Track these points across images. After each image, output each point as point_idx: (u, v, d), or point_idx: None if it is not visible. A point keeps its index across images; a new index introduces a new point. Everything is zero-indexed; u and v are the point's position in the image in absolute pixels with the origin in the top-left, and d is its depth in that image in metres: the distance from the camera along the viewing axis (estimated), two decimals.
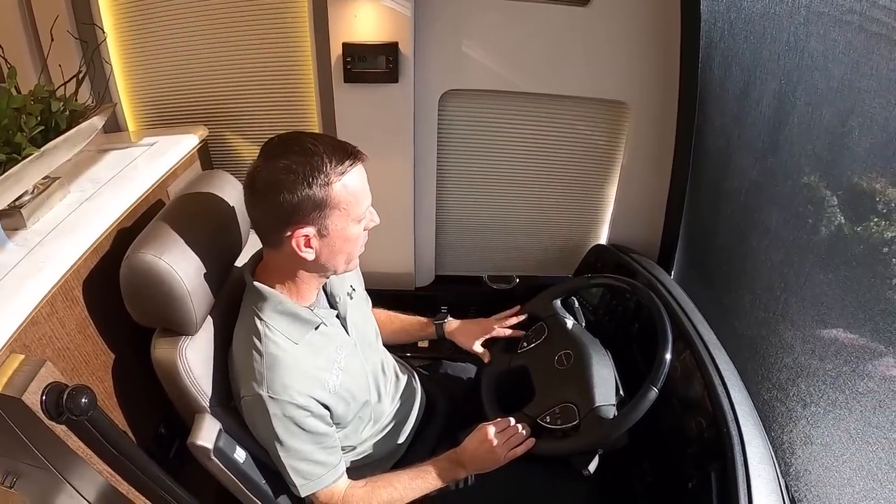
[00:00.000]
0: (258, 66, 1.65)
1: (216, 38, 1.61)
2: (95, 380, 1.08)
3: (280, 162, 0.95)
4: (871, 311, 1.06)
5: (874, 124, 1.05)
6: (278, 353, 1.03)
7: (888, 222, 1.04)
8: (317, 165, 0.94)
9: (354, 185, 0.99)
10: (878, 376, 1.06)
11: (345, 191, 0.98)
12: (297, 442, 1.05)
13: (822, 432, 1.19)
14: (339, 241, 1.03)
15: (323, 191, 0.96)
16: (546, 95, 1.69)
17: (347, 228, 1.02)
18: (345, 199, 0.98)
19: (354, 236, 1.05)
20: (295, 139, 0.97)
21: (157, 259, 0.98)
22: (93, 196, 1.19)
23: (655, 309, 1.21)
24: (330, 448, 1.11)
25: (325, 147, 0.96)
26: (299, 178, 0.94)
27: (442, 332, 1.46)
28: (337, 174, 0.96)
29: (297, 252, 1.00)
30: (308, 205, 0.96)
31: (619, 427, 1.10)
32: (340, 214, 0.99)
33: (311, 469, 1.09)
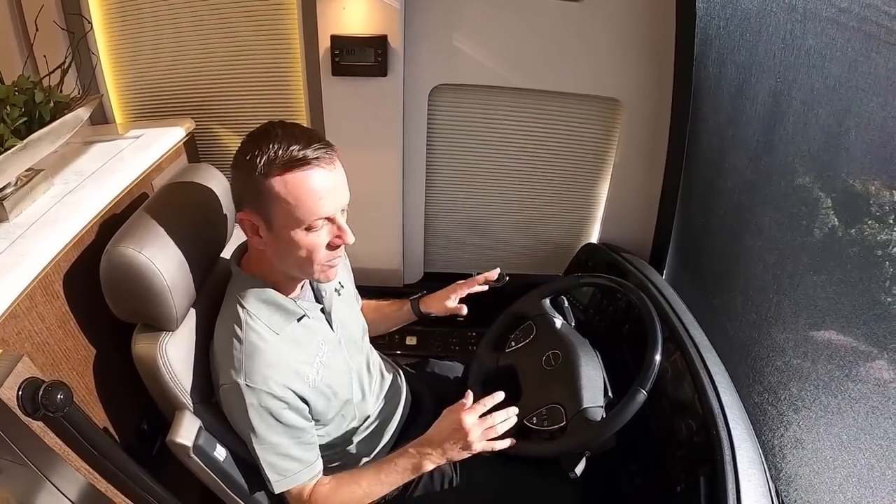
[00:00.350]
0: (246, 57, 1.63)
1: (204, 29, 1.59)
2: (76, 375, 1.06)
3: (245, 144, 0.94)
4: (864, 315, 1.05)
5: (871, 124, 1.04)
6: (258, 342, 1.02)
7: (882, 225, 1.02)
8: (264, 152, 0.91)
9: (298, 186, 0.93)
10: (871, 381, 1.04)
11: (283, 188, 0.93)
12: (272, 434, 1.03)
13: (814, 437, 1.18)
14: (284, 242, 0.98)
15: (261, 181, 0.92)
16: (538, 91, 1.68)
17: (291, 231, 0.96)
18: (282, 197, 0.93)
19: (303, 243, 0.98)
20: (271, 125, 0.95)
21: (136, 253, 0.97)
22: (76, 189, 1.17)
23: (645, 309, 1.20)
24: (307, 444, 1.09)
25: (287, 139, 0.92)
26: (247, 161, 0.92)
27: (417, 308, 1.44)
28: (280, 167, 0.92)
29: (249, 237, 1.00)
30: (249, 189, 0.95)
31: (607, 430, 1.09)
32: (282, 213, 0.95)
33: (286, 465, 1.07)
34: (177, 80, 1.66)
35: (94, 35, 1.56)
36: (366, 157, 1.67)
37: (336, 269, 1.06)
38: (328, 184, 0.96)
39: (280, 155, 0.91)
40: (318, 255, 1.00)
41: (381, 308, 1.49)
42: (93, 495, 1.00)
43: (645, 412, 1.13)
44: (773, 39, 1.26)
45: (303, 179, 0.93)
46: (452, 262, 2.01)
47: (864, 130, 1.06)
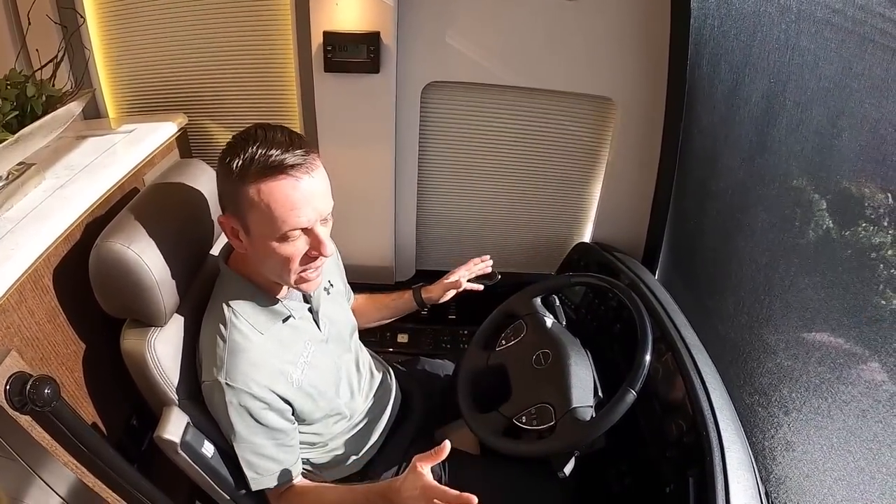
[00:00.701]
0: (239, 53, 1.62)
1: (198, 24, 1.58)
2: (65, 370, 1.06)
3: (226, 147, 0.94)
4: (856, 317, 1.05)
5: (865, 125, 1.04)
6: (241, 342, 1.02)
7: (876, 227, 1.02)
8: (240, 157, 0.91)
9: (271, 196, 0.91)
10: (862, 384, 1.04)
11: (257, 196, 0.91)
12: (251, 434, 1.04)
13: (804, 439, 1.18)
14: (261, 249, 0.97)
15: (237, 185, 0.92)
16: (531, 90, 1.67)
17: (266, 239, 0.95)
18: (257, 205, 0.92)
19: (278, 253, 0.96)
20: (254, 128, 0.94)
21: (125, 248, 0.97)
22: (67, 183, 1.17)
23: (636, 309, 1.19)
24: (287, 446, 1.09)
25: (267, 144, 0.91)
26: (225, 164, 0.92)
27: (419, 296, 1.45)
28: (253, 176, 0.90)
29: (230, 240, 0.99)
30: (226, 194, 0.95)
31: (595, 429, 1.08)
32: (256, 220, 0.94)
33: (264, 464, 1.07)
34: (170, 75, 1.66)
35: (88, 29, 1.55)
36: (358, 153, 1.66)
37: (317, 280, 1.05)
38: (304, 193, 0.93)
39: (256, 161, 0.90)
40: (294, 266, 0.99)
41: (381, 298, 1.49)
42: (81, 491, 1.00)
43: (635, 413, 1.13)
44: (768, 40, 1.26)
45: (276, 189, 0.91)
46: (444, 260, 2.00)
47: (857, 132, 1.05)
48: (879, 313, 1.00)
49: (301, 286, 1.03)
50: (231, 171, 0.91)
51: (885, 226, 1.00)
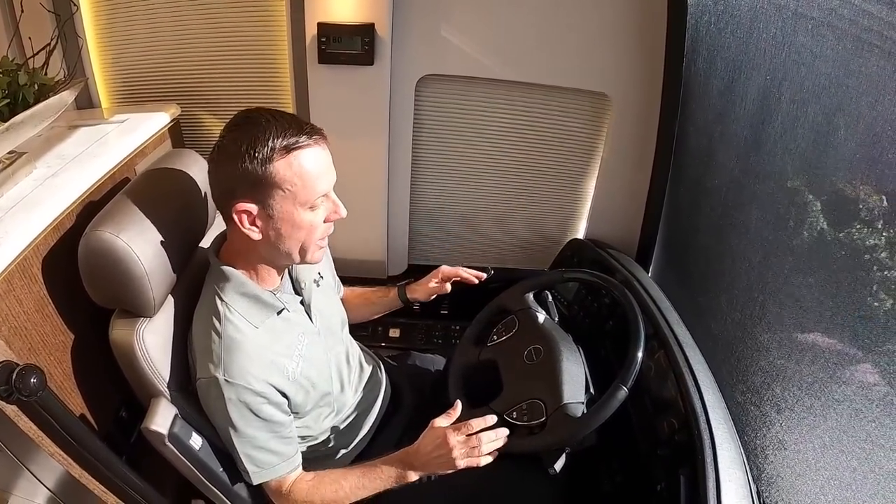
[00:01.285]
0: (233, 44, 1.61)
1: (192, 14, 1.57)
2: (53, 360, 1.05)
3: (232, 133, 0.93)
4: (850, 317, 1.04)
5: (860, 123, 1.03)
6: (237, 336, 1.01)
7: (870, 229, 1.02)
8: (261, 139, 0.91)
9: (303, 166, 0.94)
10: (855, 383, 1.04)
11: (289, 170, 0.93)
12: (251, 429, 1.03)
13: (796, 438, 1.17)
14: (286, 226, 0.98)
15: (263, 167, 0.92)
16: (526, 84, 1.66)
17: (295, 213, 0.97)
18: (289, 180, 0.93)
19: (305, 223, 0.99)
20: (255, 112, 0.94)
21: (114, 237, 0.96)
22: (58, 172, 1.16)
23: (629, 306, 1.19)
24: (286, 438, 1.09)
25: (279, 123, 0.92)
26: (242, 151, 0.91)
27: (404, 294, 1.44)
28: (281, 151, 0.92)
29: (241, 229, 0.97)
30: (248, 179, 0.93)
31: (587, 426, 1.07)
32: (285, 196, 0.95)
33: (265, 457, 1.07)
34: (164, 65, 1.65)
35: (81, 17, 1.54)
36: (351, 146, 1.65)
37: (324, 249, 1.07)
38: (325, 161, 0.98)
39: (281, 139, 0.91)
40: (316, 234, 1.02)
41: (366, 295, 1.49)
42: (69, 483, 1.00)
43: (627, 410, 1.13)
44: (764, 37, 1.25)
45: (305, 159, 0.94)
46: (437, 255, 2.00)
47: (853, 129, 1.05)
48: (873, 313, 0.99)
49: (316, 255, 1.05)
50: (254, 152, 0.91)
51: (878, 228, 1.00)
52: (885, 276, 0.98)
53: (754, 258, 1.33)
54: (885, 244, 0.99)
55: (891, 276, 0.97)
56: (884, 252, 0.99)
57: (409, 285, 1.44)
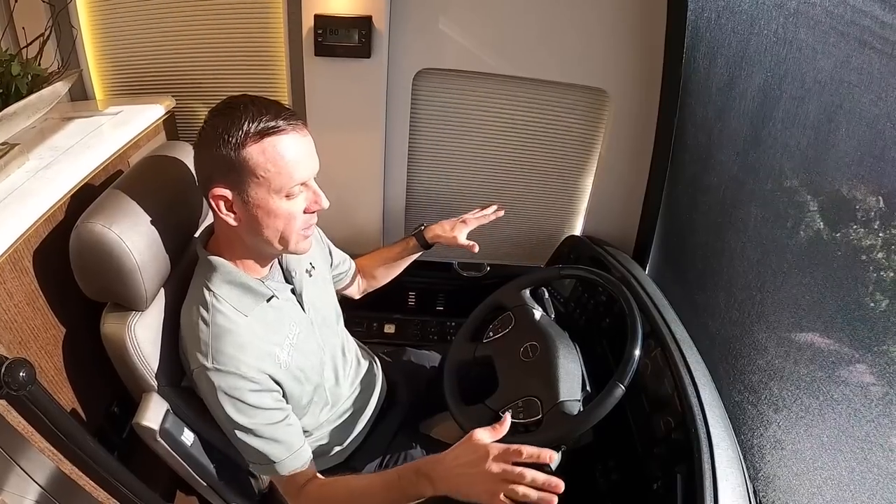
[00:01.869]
0: (229, 36, 1.60)
1: (188, 5, 1.56)
2: (44, 354, 1.04)
3: (213, 119, 0.93)
4: (848, 317, 1.03)
5: (862, 121, 1.02)
6: (226, 324, 1.00)
7: (867, 230, 1.01)
8: (235, 124, 0.90)
9: (277, 152, 0.92)
10: (854, 383, 1.03)
11: (262, 156, 0.92)
12: (246, 419, 1.00)
13: (794, 438, 1.17)
14: (262, 214, 0.96)
15: (236, 151, 0.91)
16: (524, 79, 1.65)
17: (270, 200, 0.95)
18: (262, 166, 0.92)
19: (281, 212, 0.97)
20: (236, 99, 0.94)
21: (106, 230, 0.95)
22: (51, 164, 1.14)
23: (626, 303, 1.18)
24: (288, 425, 1.05)
25: (255, 108, 0.92)
26: (217, 135, 0.91)
27: (424, 241, 1.45)
28: (254, 136, 0.91)
29: (219, 214, 0.97)
30: (221, 164, 0.92)
31: (583, 424, 1.07)
32: (259, 182, 0.94)
33: (267, 449, 1.03)
34: (159, 56, 1.63)
35: (76, 8, 1.52)
36: (347, 139, 1.64)
37: (311, 239, 1.06)
38: (303, 149, 0.96)
39: (258, 121, 0.90)
40: (296, 224, 1.00)
41: (381, 253, 1.50)
42: (60, 479, 0.99)
43: (623, 408, 1.12)
44: (765, 33, 1.24)
45: (280, 145, 0.93)
46: (433, 251, 1.94)
47: (854, 127, 1.04)
48: (870, 314, 0.98)
49: (300, 246, 1.03)
50: (227, 138, 0.90)
51: (875, 228, 1.00)
52: (882, 276, 0.98)
53: (753, 257, 1.32)
54: (882, 245, 0.98)
55: (887, 276, 0.97)
56: (880, 252, 0.99)
57: (426, 229, 1.45)
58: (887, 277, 0.97)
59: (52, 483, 0.99)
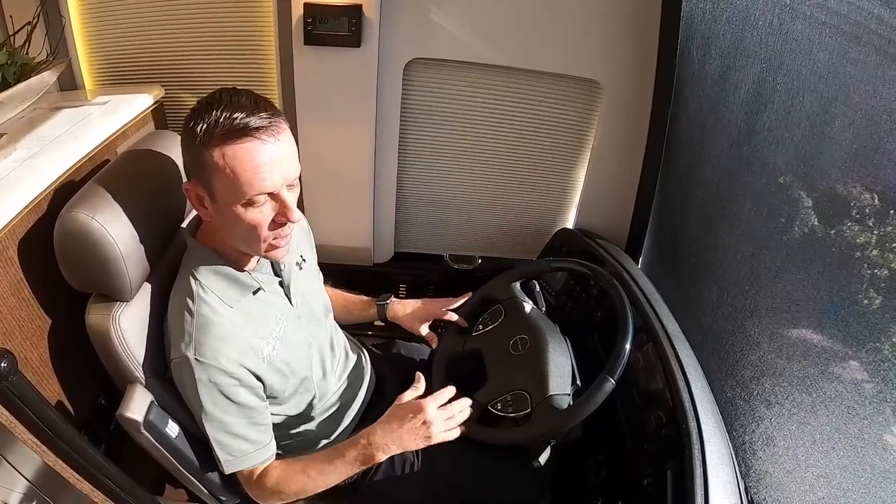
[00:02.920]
0: (218, 24, 1.58)
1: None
2: (29, 345, 1.03)
3: (191, 112, 0.92)
4: (841, 313, 1.02)
5: (858, 113, 1.01)
6: (210, 316, 0.99)
7: (861, 227, 1.00)
8: (204, 122, 0.88)
9: (236, 159, 0.89)
10: (847, 380, 1.02)
11: (221, 160, 0.89)
12: (222, 413, 1.01)
13: (786, 434, 1.16)
14: (227, 216, 0.94)
15: (201, 150, 0.90)
16: (517, 70, 1.63)
17: (231, 206, 0.93)
18: (220, 170, 0.89)
19: (245, 219, 0.94)
20: (216, 95, 0.92)
21: (89, 219, 0.94)
22: (37, 153, 1.13)
23: (617, 296, 1.17)
24: (259, 425, 1.07)
25: (230, 109, 0.88)
26: (189, 128, 0.90)
27: (384, 314, 1.41)
28: (217, 139, 0.88)
29: (194, 207, 0.97)
30: (191, 159, 0.93)
31: (572, 418, 1.06)
32: (222, 185, 0.91)
33: (238, 445, 1.05)
34: (148, 45, 1.61)
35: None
36: (337, 130, 1.62)
37: (285, 248, 1.02)
38: (269, 157, 0.91)
39: (220, 124, 0.88)
40: (262, 233, 0.96)
41: (348, 306, 1.47)
42: (45, 471, 0.98)
43: (614, 403, 1.11)
44: (760, 24, 1.23)
45: (241, 152, 0.89)
46: (424, 243, 1.97)
47: (851, 119, 1.02)
48: (864, 311, 0.97)
49: (270, 254, 1.01)
50: (195, 134, 0.89)
51: (870, 225, 0.99)
52: (876, 273, 0.96)
53: (746, 251, 1.31)
54: (877, 242, 0.97)
55: (881, 273, 0.96)
56: (875, 250, 0.97)
57: (390, 305, 1.41)
58: (881, 275, 0.96)
59: (37, 476, 0.99)
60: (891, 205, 0.95)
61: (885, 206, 0.96)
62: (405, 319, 1.40)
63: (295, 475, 1.10)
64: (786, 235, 1.18)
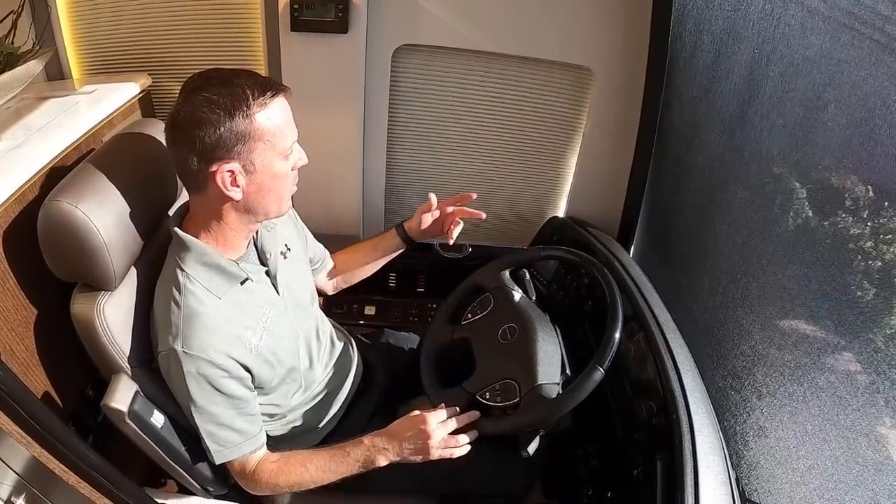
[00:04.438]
0: (206, 11, 1.56)
1: None
2: (15, 337, 1.02)
3: (201, 95, 0.90)
4: (834, 303, 1.01)
5: (853, 98, 0.99)
6: (197, 307, 0.99)
7: (855, 218, 0.99)
8: (238, 96, 0.90)
9: (277, 117, 0.95)
10: (840, 371, 1.01)
11: (269, 122, 0.94)
12: (211, 404, 1.01)
13: (777, 425, 1.15)
14: (267, 178, 0.98)
15: (245, 122, 0.92)
16: (506, 56, 1.62)
17: (274, 164, 0.98)
18: (269, 132, 0.94)
19: (282, 173, 1.00)
20: (215, 73, 0.93)
21: (72, 208, 0.93)
22: (22, 143, 1.12)
23: (607, 284, 1.16)
24: (248, 415, 1.07)
25: (246, 79, 0.92)
26: (220, 110, 0.90)
27: (405, 233, 1.41)
28: (259, 105, 0.92)
29: (223, 191, 0.95)
30: (231, 138, 0.91)
31: (561, 407, 1.05)
32: (265, 148, 0.95)
33: (227, 436, 1.04)
34: (135, 34, 1.60)
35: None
36: (325, 117, 1.61)
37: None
38: (290, 110, 1.00)
39: (255, 94, 0.92)
40: (289, 183, 1.04)
41: (363, 245, 1.47)
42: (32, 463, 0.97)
43: (604, 393, 1.10)
44: (753, 9, 1.22)
45: (278, 109, 0.96)
46: None
47: (844, 105, 1.01)
48: (857, 302, 0.96)
49: (285, 206, 1.07)
50: (233, 109, 0.90)
51: (864, 217, 0.98)
52: (870, 265, 0.95)
53: (738, 239, 1.30)
54: (871, 233, 0.97)
55: (875, 265, 0.95)
56: (869, 241, 0.97)
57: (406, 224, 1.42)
58: (875, 266, 0.95)
59: (26, 469, 0.97)
60: (885, 196, 0.94)
61: (880, 197, 0.95)
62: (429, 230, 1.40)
63: (293, 468, 1.11)
64: (778, 227, 1.17)
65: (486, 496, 1.37)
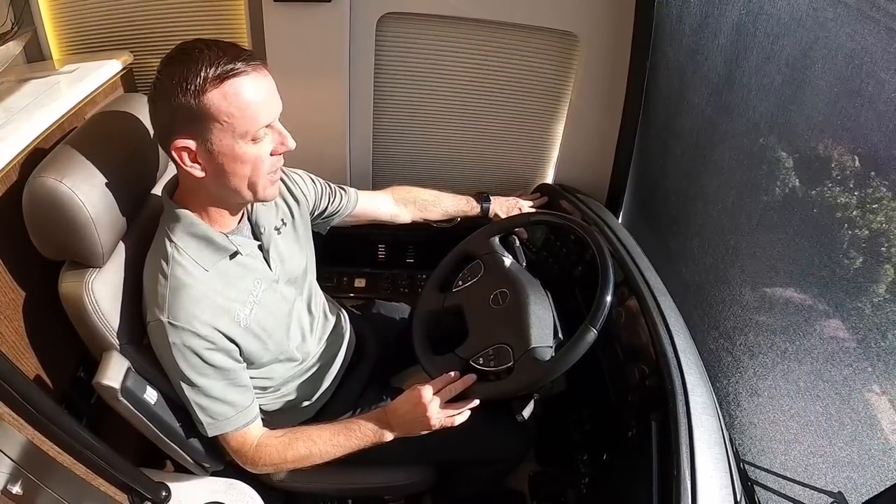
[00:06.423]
0: None
1: None
2: (3, 319, 1.01)
3: (167, 68, 0.89)
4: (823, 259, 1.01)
5: (839, 55, 0.99)
6: (185, 279, 0.98)
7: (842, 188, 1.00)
8: (193, 70, 0.87)
9: (239, 95, 0.90)
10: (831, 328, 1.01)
11: (224, 101, 0.89)
12: (199, 377, 1.00)
13: (770, 384, 1.15)
14: (228, 161, 0.94)
15: (196, 99, 0.88)
16: (491, 22, 1.60)
17: (236, 147, 0.93)
18: (224, 111, 0.89)
19: (249, 157, 0.95)
20: (189, 45, 0.90)
21: (57, 183, 0.92)
22: (3, 125, 1.11)
23: (597, 247, 1.16)
24: (238, 386, 1.06)
25: (212, 52, 0.88)
26: (174, 84, 0.88)
27: (487, 212, 1.51)
28: (214, 81, 0.88)
29: (182, 166, 0.94)
30: (181, 114, 0.90)
31: (555, 369, 1.05)
32: (223, 128, 0.91)
33: (219, 408, 1.04)
34: (115, 10, 1.56)
35: None
36: (310, 88, 1.60)
37: (278, 185, 1.04)
38: (265, 90, 0.94)
39: (213, 68, 0.87)
40: (264, 168, 0.98)
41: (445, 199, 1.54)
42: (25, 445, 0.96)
43: (597, 357, 1.10)
44: None
45: (242, 87, 0.90)
46: None
47: (831, 62, 1.01)
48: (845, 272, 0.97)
49: (268, 192, 1.01)
50: (186, 85, 0.87)
51: (850, 187, 0.98)
52: (857, 234, 0.96)
53: (727, 199, 1.30)
54: (857, 203, 0.97)
55: (861, 234, 0.95)
56: (855, 211, 0.97)
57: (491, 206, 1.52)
58: (862, 236, 0.95)
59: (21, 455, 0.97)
60: (871, 166, 0.95)
61: (866, 167, 0.95)
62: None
63: (300, 444, 1.11)
64: (766, 196, 1.17)
65: (482, 463, 1.38)
